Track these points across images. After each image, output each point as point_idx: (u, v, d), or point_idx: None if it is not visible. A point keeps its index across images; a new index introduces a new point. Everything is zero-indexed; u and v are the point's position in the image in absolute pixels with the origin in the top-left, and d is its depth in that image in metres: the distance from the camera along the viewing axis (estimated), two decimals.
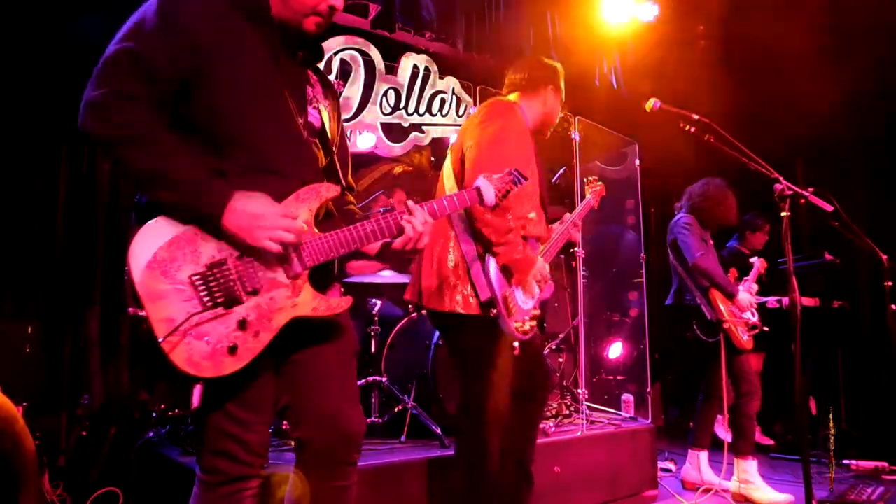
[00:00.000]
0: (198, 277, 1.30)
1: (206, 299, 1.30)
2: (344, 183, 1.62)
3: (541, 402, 2.45)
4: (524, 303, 2.24)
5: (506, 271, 2.18)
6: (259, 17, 1.49)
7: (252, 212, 1.32)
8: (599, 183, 2.89)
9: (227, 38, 1.42)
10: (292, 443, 1.57)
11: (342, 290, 1.60)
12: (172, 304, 1.27)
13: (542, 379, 2.44)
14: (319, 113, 1.59)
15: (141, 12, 1.38)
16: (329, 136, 1.61)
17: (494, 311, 2.13)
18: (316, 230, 1.45)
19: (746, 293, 3.66)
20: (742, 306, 3.61)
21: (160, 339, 1.25)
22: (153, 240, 1.29)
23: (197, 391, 1.36)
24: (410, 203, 1.56)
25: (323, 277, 1.50)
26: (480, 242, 2.18)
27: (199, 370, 1.28)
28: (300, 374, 1.51)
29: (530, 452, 2.40)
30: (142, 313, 1.25)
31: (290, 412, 1.52)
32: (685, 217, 3.71)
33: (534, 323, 2.27)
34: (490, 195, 1.72)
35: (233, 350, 1.31)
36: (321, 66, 1.73)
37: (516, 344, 2.18)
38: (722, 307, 3.55)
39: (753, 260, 3.93)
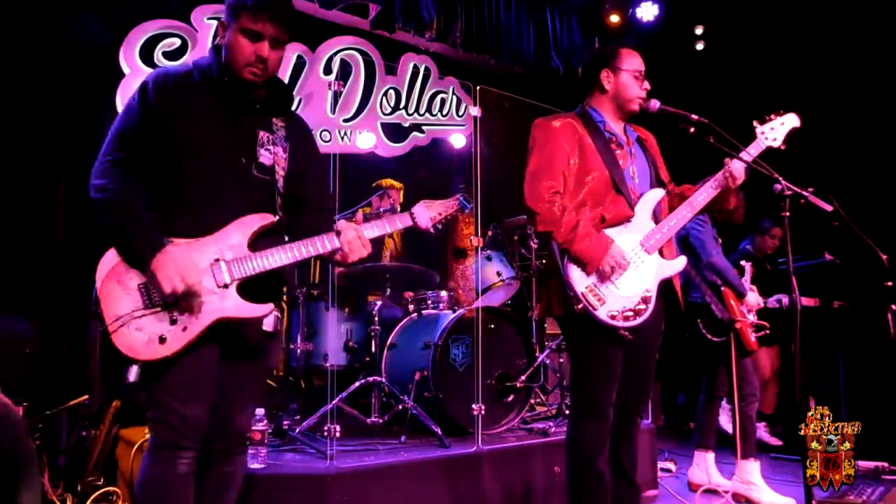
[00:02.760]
0: (143, 285, 1.72)
1: (147, 301, 1.71)
2: (279, 211, 1.89)
3: (638, 392, 2.41)
4: (620, 288, 2.23)
5: (582, 264, 2.21)
6: (214, 81, 1.86)
7: (166, 262, 1.69)
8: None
9: (185, 105, 1.82)
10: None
11: (273, 305, 1.86)
12: (121, 304, 1.70)
13: (640, 370, 2.41)
14: (272, 154, 1.90)
15: (125, 108, 1.85)
16: (279, 172, 1.90)
17: (580, 306, 2.18)
18: (247, 250, 1.79)
19: (754, 294, 3.66)
20: (750, 306, 3.61)
21: (107, 325, 1.67)
22: (115, 257, 1.74)
23: (133, 370, 1.68)
24: (343, 223, 1.90)
25: (261, 289, 1.82)
26: (557, 245, 2.27)
27: (135, 354, 1.67)
28: (222, 376, 1.85)
29: (629, 452, 2.38)
30: (98, 310, 1.69)
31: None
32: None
33: (642, 306, 2.24)
34: (424, 219, 1.97)
35: (162, 340, 1.69)
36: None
37: (623, 331, 2.21)
38: (735, 307, 3.54)
39: (744, 263, 3.93)
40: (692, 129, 2.31)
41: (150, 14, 3.88)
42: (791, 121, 2.43)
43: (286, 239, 1.94)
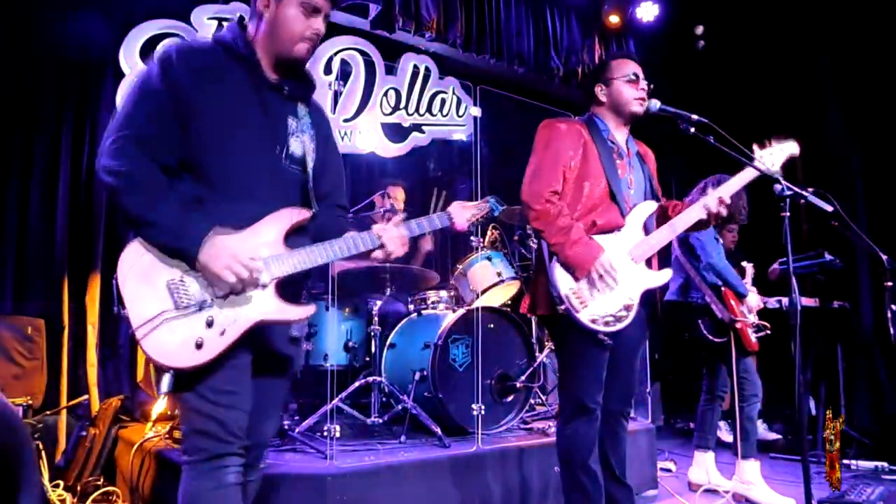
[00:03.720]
0: (174, 283, 1.54)
1: (178, 301, 1.53)
2: (315, 206, 1.78)
3: (622, 396, 2.43)
4: (605, 294, 2.26)
5: (569, 268, 2.25)
6: (244, 60, 1.70)
7: (218, 251, 1.54)
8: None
9: (209, 83, 1.64)
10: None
11: (307, 301, 1.79)
12: (149, 304, 1.51)
13: (626, 374, 2.43)
14: (303, 144, 1.78)
15: (139, 77, 1.64)
16: (310, 163, 1.78)
17: (562, 307, 2.22)
18: (284, 247, 1.66)
19: (754, 294, 3.65)
20: (751, 307, 3.61)
21: (134, 328, 1.49)
22: (139, 252, 1.55)
23: (166, 378, 1.51)
24: (379, 225, 1.80)
25: (295, 288, 1.71)
26: (546, 245, 2.33)
27: (169, 361, 1.49)
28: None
29: (618, 454, 2.41)
30: (125, 312, 1.50)
31: None
32: None
33: (624, 313, 2.28)
34: (461, 220, 1.95)
35: (199, 345, 1.51)
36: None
37: (601, 337, 2.25)
38: (735, 307, 3.54)
39: (745, 264, 3.92)
40: (692, 129, 2.31)
41: (150, 14, 3.89)
42: (790, 148, 2.46)
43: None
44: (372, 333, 3.62)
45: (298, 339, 1.80)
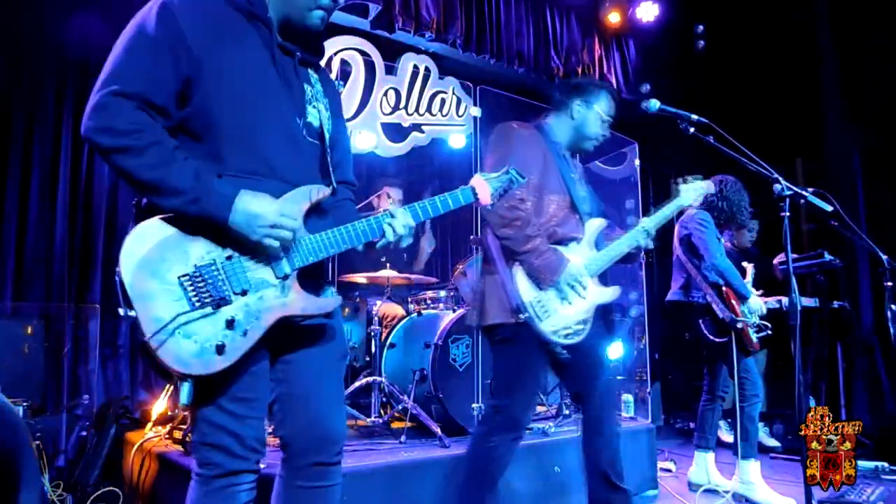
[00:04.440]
0: (186, 278, 1.34)
1: (194, 300, 1.33)
2: (334, 182, 1.63)
3: (600, 404, 2.37)
4: (566, 307, 2.26)
5: (534, 277, 2.22)
6: (257, 17, 1.51)
7: (253, 211, 1.36)
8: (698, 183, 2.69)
9: (223, 42, 1.44)
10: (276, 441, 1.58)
11: (334, 289, 1.62)
12: (161, 304, 1.31)
13: (597, 380, 2.39)
14: (319, 112, 1.61)
15: (134, 25, 1.40)
16: (327, 135, 1.63)
17: (523, 316, 2.18)
18: (305, 231, 1.48)
19: (756, 296, 3.65)
20: (752, 308, 3.60)
21: (147, 337, 1.28)
22: (143, 241, 1.33)
23: (186, 387, 1.34)
24: (394, 207, 1.60)
25: (314, 277, 1.54)
26: (506, 253, 2.27)
27: (188, 368, 1.31)
28: (290, 374, 1.54)
29: (609, 459, 2.33)
30: (132, 313, 1.29)
31: (275, 410, 1.55)
32: (701, 213, 3.66)
33: (580, 327, 2.28)
34: (486, 194, 1.72)
35: (221, 349, 1.34)
36: (322, 63, 1.75)
37: (559, 349, 2.22)
38: (736, 307, 3.54)
39: (745, 264, 3.92)
40: (692, 129, 2.31)
41: None
42: (706, 186, 2.67)
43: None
44: (372, 333, 3.62)
45: (331, 313, 1.57)
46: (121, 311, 1.30)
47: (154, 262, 1.32)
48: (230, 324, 1.35)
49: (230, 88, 1.43)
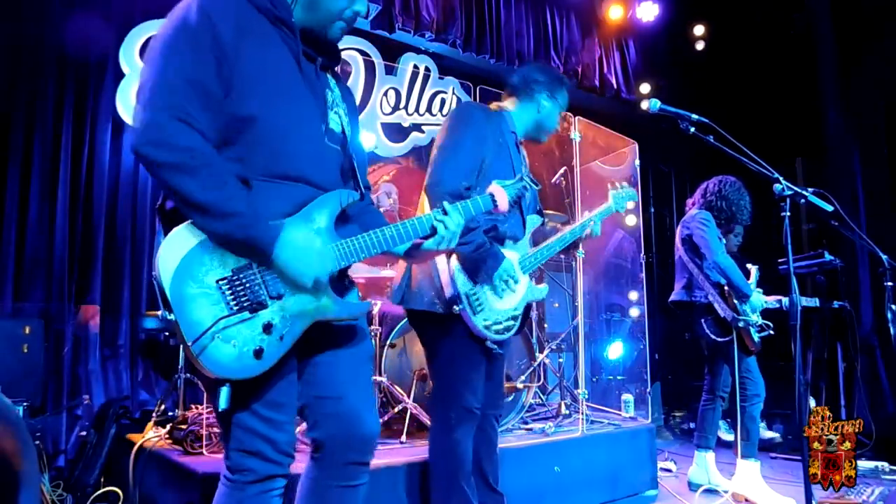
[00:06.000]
0: (225, 282, 1.34)
1: (232, 303, 1.34)
2: (362, 187, 1.64)
3: (495, 399, 2.41)
4: (498, 302, 2.24)
5: (470, 270, 2.18)
6: (282, 22, 1.50)
7: (297, 249, 1.39)
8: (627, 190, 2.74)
9: (253, 45, 1.42)
10: (306, 442, 1.58)
11: (360, 294, 1.64)
12: (201, 308, 1.31)
13: (498, 385, 2.43)
14: (339, 118, 1.62)
15: (174, 29, 1.36)
16: (348, 140, 1.63)
17: (457, 308, 2.16)
18: (336, 235, 1.48)
19: (759, 295, 3.65)
20: (754, 306, 3.60)
21: (189, 343, 1.28)
22: (181, 245, 1.32)
23: (224, 392, 1.33)
24: (446, 204, 1.62)
25: (339, 277, 1.54)
26: None
27: (227, 372, 1.32)
28: (319, 376, 1.54)
29: (491, 458, 2.38)
30: (171, 317, 1.29)
31: (308, 413, 1.55)
32: (702, 213, 3.66)
33: (511, 323, 2.28)
34: (504, 201, 1.74)
35: (259, 353, 1.34)
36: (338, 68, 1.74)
37: (490, 344, 2.23)
38: (737, 306, 3.54)
39: (750, 266, 3.92)
40: (692, 129, 2.31)
41: (149, 14, 3.89)
42: (632, 196, 2.70)
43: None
44: (372, 333, 3.62)
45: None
46: (160, 314, 1.32)
47: (192, 265, 1.32)
48: (267, 328, 1.36)
49: (263, 92, 1.43)
